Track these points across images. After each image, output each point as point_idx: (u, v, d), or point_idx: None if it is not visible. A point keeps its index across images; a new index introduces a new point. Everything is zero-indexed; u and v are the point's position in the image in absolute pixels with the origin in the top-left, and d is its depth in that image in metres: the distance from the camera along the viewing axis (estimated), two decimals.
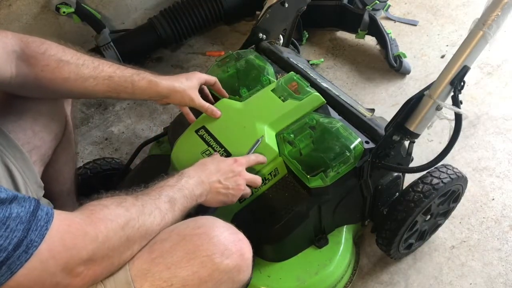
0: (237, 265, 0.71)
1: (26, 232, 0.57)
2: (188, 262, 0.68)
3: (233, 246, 0.72)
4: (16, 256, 0.56)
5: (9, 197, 0.57)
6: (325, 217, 1.08)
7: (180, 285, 0.68)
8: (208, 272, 0.69)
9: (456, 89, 0.93)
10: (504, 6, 0.87)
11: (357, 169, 1.01)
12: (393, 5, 2.11)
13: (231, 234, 0.73)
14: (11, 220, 0.56)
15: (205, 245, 0.69)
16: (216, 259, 0.69)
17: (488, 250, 1.26)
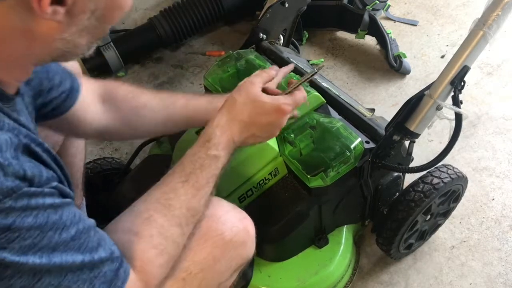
0: (243, 241, 0.74)
1: (116, 274, 0.56)
2: (202, 245, 0.70)
3: (239, 223, 0.74)
4: None
5: (104, 256, 0.56)
6: (325, 217, 1.08)
7: (198, 270, 0.69)
8: (221, 250, 0.71)
9: (456, 89, 0.93)
10: (504, 6, 0.87)
11: (357, 169, 1.01)
12: (393, 5, 2.11)
13: (236, 212, 0.76)
14: (97, 280, 0.55)
15: (214, 226, 0.71)
16: (226, 237, 0.71)
17: (488, 250, 1.26)
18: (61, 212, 0.52)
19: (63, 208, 0.52)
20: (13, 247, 0.47)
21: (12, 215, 0.46)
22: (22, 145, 0.50)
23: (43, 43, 0.54)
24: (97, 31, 0.58)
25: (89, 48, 0.60)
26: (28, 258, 0.48)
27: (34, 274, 0.49)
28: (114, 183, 1.30)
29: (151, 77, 1.93)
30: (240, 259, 0.76)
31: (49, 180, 0.52)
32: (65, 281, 0.52)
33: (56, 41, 0.55)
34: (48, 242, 0.50)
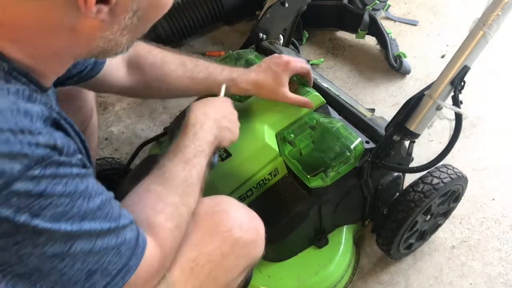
0: (253, 240, 0.75)
1: (129, 259, 0.57)
2: (210, 238, 0.71)
3: (249, 222, 0.75)
4: (114, 282, 0.56)
5: (126, 222, 0.58)
6: (325, 217, 1.08)
7: (205, 261, 0.70)
8: (229, 246, 0.71)
9: (456, 89, 0.93)
10: (504, 6, 0.87)
11: (357, 169, 1.01)
12: (393, 5, 2.11)
13: (246, 211, 0.77)
14: (123, 246, 0.56)
15: (224, 222, 0.72)
16: (236, 234, 0.72)
17: (488, 250, 1.26)
18: (86, 183, 0.53)
19: (88, 178, 0.54)
20: (45, 214, 0.47)
21: (43, 182, 0.47)
22: (52, 118, 0.51)
23: (84, 40, 0.56)
24: (138, 30, 0.60)
25: (129, 46, 0.62)
26: (60, 225, 0.49)
27: (66, 241, 0.50)
28: (114, 183, 1.30)
29: None
30: (249, 259, 0.76)
31: (76, 152, 0.53)
32: (95, 248, 0.53)
33: (97, 39, 0.56)
34: (78, 211, 0.51)
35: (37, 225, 0.46)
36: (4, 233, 0.45)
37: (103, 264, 0.54)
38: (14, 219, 0.44)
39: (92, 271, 0.53)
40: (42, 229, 0.47)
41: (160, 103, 1.80)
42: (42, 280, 0.50)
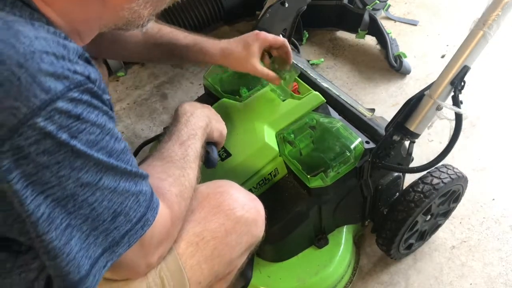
0: (254, 219, 0.79)
1: (146, 210, 0.59)
2: (215, 215, 0.75)
3: (250, 202, 0.80)
4: (135, 230, 0.58)
5: (145, 174, 0.61)
6: (325, 217, 1.08)
7: (210, 237, 0.74)
8: (232, 224, 0.75)
9: (457, 89, 0.93)
10: (504, 6, 0.87)
11: (357, 169, 1.01)
12: (393, 5, 2.11)
13: (246, 193, 0.82)
14: (141, 195, 0.59)
15: (227, 201, 0.77)
16: (238, 212, 0.76)
17: (488, 250, 1.26)
18: (113, 124, 0.56)
19: (114, 121, 0.57)
20: (81, 138, 0.50)
21: (80, 106, 0.49)
22: (85, 56, 0.54)
23: (113, 10, 0.60)
24: (158, 3, 0.65)
25: (148, 20, 0.67)
26: (93, 152, 0.51)
27: (96, 172, 0.52)
28: None
29: (151, 77, 1.93)
30: (250, 237, 0.79)
31: (105, 90, 0.56)
32: (118, 188, 0.55)
33: (124, 10, 0.61)
34: (106, 145, 0.53)
35: (75, 146, 0.49)
36: (47, 150, 0.47)
37: (125, 208, 0.56)
38: (56, 136, 0.47)
39: (116, 213, 0.55)
40: (78, 151, 0.49)
41: (160, 103, 1.80)
42: (75, 212, 0.51)
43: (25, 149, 0.45)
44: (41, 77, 0.46)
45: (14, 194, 0.47)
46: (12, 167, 0.45)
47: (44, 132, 0.46)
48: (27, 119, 0.45)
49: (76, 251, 0.52)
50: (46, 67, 0.47)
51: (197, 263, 0.73)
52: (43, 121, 0.46)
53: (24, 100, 0.44)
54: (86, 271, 0.53)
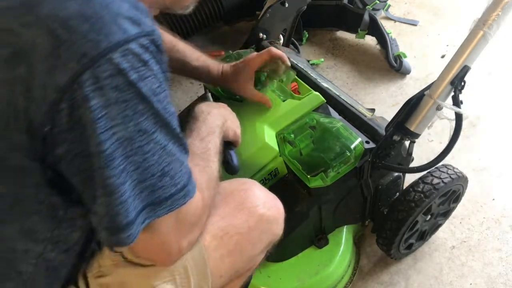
0: (275, 218, 0.81)
1: (188, 181, 0.61)
2: (239, 212, 0.77)
3: (271, 201, 0.82)
4: (178, 196, 0.59)
5: (187, 148, 0.62)
6: (325, 217, 1.08)
7: (234, 232, 0.76)
8: (255, 220, 0.78)
9: (457, 89, 0.93)
10: (504, 6, 0.87)
11: (357, 169, 1.01)
12: (393, 5, 2.11)
13: (268, 193, 0.84)
14: (184, 166, 0.60)
15: (250, 198, 0.79)
16: (260, 210, 0.78)
17: (488, 250, 1.26)
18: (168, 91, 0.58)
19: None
20: (147, 84, 0.52)
21: (147, 54, 0.52)
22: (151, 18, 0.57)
23: None
24: None
25: (192, 4, 0.71)
26: (154, 101, 0.53)
27: (154, 123, 0.54)
28: None
29: None
30: (271, 234, 0.81)
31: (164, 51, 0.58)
32: (168, 147, 0.57)
33: None
34: (163, 100, 0.55)
35: (141, 89, 0.51)
36: (118, 87, 0.50)
37: (171, 170, 0.57)
38: (127, 74, 0.50)
39: (164, 172, 0.56)
40: (143, 96, 0.52)
41: None
42: (131, 157, 0.53)
43: (102, 81, 0.48)
44: (120, 19, 0.50)
45: (89, 122, 0.49)
46: (91, 96, 0.48)
47: (118, 68, 0.49)
48: (106, 52, 0.48)
49: (128, 195, 0.54)
50: (124, 12, 0.51)
51: (220, 256, 0.74)
52: (118, 58, 0.49)
53: (105, 36, 0.48)
54: (132, 218, 0.55)
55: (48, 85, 0.47)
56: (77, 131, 0.50)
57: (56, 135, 0.50)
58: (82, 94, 0.48)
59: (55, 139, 0.50)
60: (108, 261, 0.71)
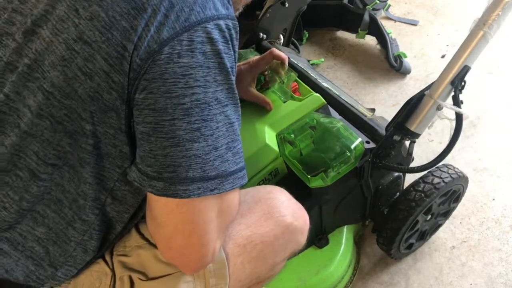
0: (301, 228, 0.81)
1: (244, 165, 0.63)
2: (266, 221, 0.77)
3: (299, 211, 0.82)
4: (238, 175, 0.62)
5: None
6: (325, 217, 1.08)
7: (259, 241, 0.76)
8: (282, 230, 0.77)
9: (457, 89, 0.93)
10: (504, 6, 0.87)
11: (357, 169, 1.01)
12: (393, 5, 2.11)
13: (295, 202, 0.83)
14: (242, 150, 0.63)
15: (278, 207, 0.78)
16: (288, 219, 0.78)
17: (488, 250, 1.26)
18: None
19: None
20: (227, 58, 0.58)
21: (229, 34, 0.59)
22: None
23: None
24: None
25: (242, 8, 0.76)
26: (231, 76, 0.59)
27: (227, 96, 0.59)
28: None
29: None
30: (295, 244, 0.81)
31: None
32: (234, 125, 0.61)
33: None
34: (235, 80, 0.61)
35: (223, 59, 0.58)
36: (206, 53, 0.56)
37: (235, 148, 0.61)
38: (215, 43, 0.56)
39: (229, 147, 0.60)
40: (224, 67, 0.58)
41: None
42: (208, 121, 0.57)
43: (194, 44, 0.55)
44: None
45: (173, 75, 0.55)
46: (184, 54, 0.55)
47: (209, 37, 0.56)
48: (202, 21, 0.56)
49: (195, 154, 0.57)
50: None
51: (241, 262, 0.75)
52: (211, 28, 0.56)
53: (204, 8, 0.56)
54: (194, 177, 0.57)
55: (153, 38, 0.54)
56: (164, 81, 0.55)
57: (144, 81, 0.55)
58: (177, 51, 0.54)
59: (141, 84, 0.55)
60: (133, 243, 0.73)
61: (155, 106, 0.55)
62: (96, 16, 0.54)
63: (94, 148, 0.60)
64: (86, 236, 0.66)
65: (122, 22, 0.54)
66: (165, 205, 0.60)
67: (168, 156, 0.57)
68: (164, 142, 0.56)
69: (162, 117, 0.55)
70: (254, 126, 1.04)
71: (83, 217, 0.65)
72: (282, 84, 1.11)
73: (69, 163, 0.61)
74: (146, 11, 0.54)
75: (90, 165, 0.61)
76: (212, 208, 0.61)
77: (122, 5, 0.54)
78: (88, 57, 0.55)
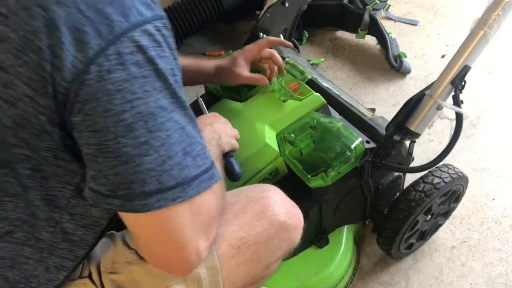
0: (295, 226, 0.81)
1: (211, 165, 0.61)
2: (259, 221, 0.76)
3: (292, 210, 0.81)
4: (203, 178, 0.60)
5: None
6: (325, 217, 1.08)
7: (252, 241, 0.75)
8: (275, 229, 0.77)
9: (457, 89, 0.93)
10: (505, 6, 0.87)
11: (357, 169, 1.01)
12: (393, 4, 2.11)
13: (289, 200, 0.82)
14: (206, 150, 0.61)
15: (271, 206, 0.78)
16: (282, 218, 0.78)
17: (488, 250, 1.26)
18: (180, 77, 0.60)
19: None
20: (163, 62, 0.56)
21: (160, 36, 0.56)
22: None
23: None
24: None
25: None
26: (171, 80, 0.56)
27: (171, 102, 0.56)
28: None
29: None
30: (289, 243, 0.81)
31: None
32: (186, 129, 0.58)
33: None
34: (179, 81, 0.58)
35: (158, 65, 0.55)
36: (138, 62, 0.53)
37: (193, 151, 0.59)
38: (146, 51, 0.54)
39: (186, 152, 0.58)
40: (160, 72, 0.55)
41: None
42: (155, 132, 0.55)
43: (124, 56, 0.52)
44: (137, 3, 0.54)
45: (106, 93, 0.52)
46: (114, 69, 0.52)
47: (138, 45, 0.53)
48: (128, 31, 0.53)
49: (147, 168, 0.55)
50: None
51: (235, 264, 0.74)
52: (138, 36, 0.53)
53: (126, 17, 0.53)
54: (150, 191, 0.56)
55: (76, 57, 0.51)
56: (98, 101, 0.52)
57: (78, 103, 0.52)
58: (106, 67, 0.51)
59: (75, 107, 0.53)
60: (122, 258, 0.71)
61: (95, 127, 0.53)
62: (6, 38, 0.51)
63: (34, 171, 0.58)
64: (45, 253, 0.64)
65: (35, 41, 0.50)
66: (133, 220, 0.59)
67: (119, 174, 0.54)
68: (112, 161, 0.54)
69: (105, 137, 0.53)
70: (254, 126, 1.04)
71: (36, 235, 0.63)
72: (281, 77, 1.12)
73: (10, 192, 0.59)
74: (59, 28, 0.50)
75: (34, 189, 0.59)
76: (181, 214, 0.59)
77: (31, 22, 0.50)
78: (7, 84, 0.52)
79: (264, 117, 1.06)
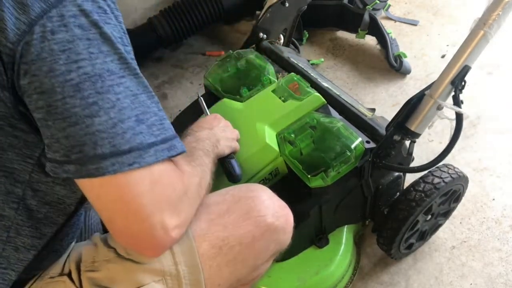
0: (283, 228, 0.78)
1: (173, 138, 0.61)
2: (244, 221, 0.74)
3: (281, 210, 0.79)
4: (161, 147, 0.59)
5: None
6: (325, 217, 1.08)
7: (236, 242, 0.73)
8: (261, 231, 0.75)
9: (457, 89, 0.93)
10: (505, 5, 0.87)
11: (358, 169, 1.01)
12: (393, 4, 2.11)
13: (277, 200, 0.80)
14: (166, 122, 0.61)
15: (258, 207, 0.75)
16: (268, 219, 0.75)
17: (488, 250, 1.26)
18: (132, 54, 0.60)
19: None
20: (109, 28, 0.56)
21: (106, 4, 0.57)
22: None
23: None
24: None
25: None
26: (119, 45, 0.56)
27: (121, 68, 0.57)
28: None
29: (151, 77, 1.93)
30: (277, 244, 0.79)
31: None
32: (140, 97, 0.58)
33: None
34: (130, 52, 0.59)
35: (103, 29, 0.55)
36: (82, 25, 0.54)
37: (148, 120, 0.58)
38: (90, 15, 0.55)
39: (139, 119, 0.57)
40: (106, 36, 0.55)
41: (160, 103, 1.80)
42: (103, 94, 0.55)
43: (66, 18, 0.53)
44: None
45: (51, 53, 0.53)
46: (57, 30, 0.53)
47: (81, 9, 0.54)
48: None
49: (98, 129, 0.55)
50: None
51: (217, 265, 0.72)
52: (81, 1, 0.54)
53: None
54: (104, 154, 0.55)
55: (18, 19, 0.52)
56: (43, 61, 0.53)
57: (24, 65, 0.53)
58: (49, 28, 0.53)
59: (22, 69, 0.53)
60: (102, 257, 0.70)
61: (42, 88, 0.53)
62: None
63: None
64: (12, 232, 0.64)
65: None
66: (91, 188, 0.58)
67: (70, 136, 0.54)
68: (62, 123, 0.54)
69: (53, 98, 0.53)
70: (254, 126, 1.04)
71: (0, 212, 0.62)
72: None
73: None
74: None
75: None
76: (140, 182, 0.57)
77: None
78: None
79: (264, 117, 1.06)
